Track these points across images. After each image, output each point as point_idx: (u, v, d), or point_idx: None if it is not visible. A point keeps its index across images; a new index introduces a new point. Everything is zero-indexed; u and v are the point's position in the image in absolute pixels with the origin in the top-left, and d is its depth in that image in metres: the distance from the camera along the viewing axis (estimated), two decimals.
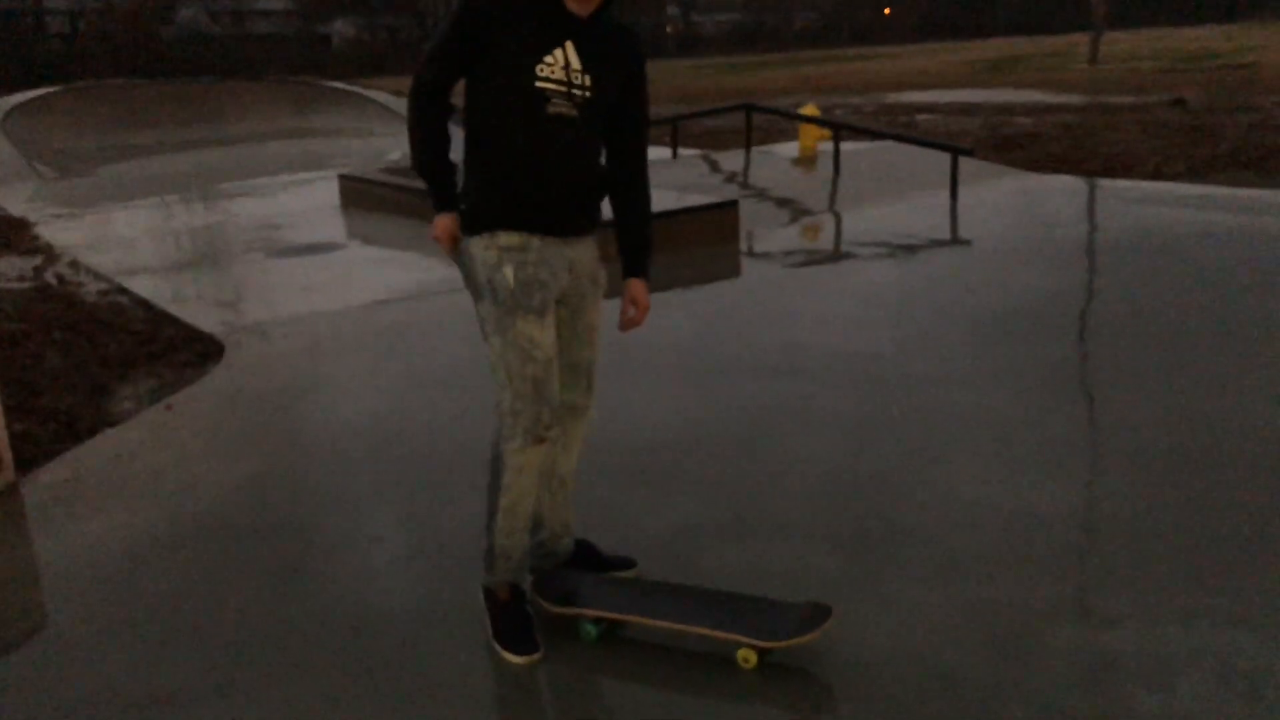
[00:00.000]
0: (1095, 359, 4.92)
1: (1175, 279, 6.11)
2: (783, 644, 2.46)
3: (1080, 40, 41.04)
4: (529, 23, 2.52)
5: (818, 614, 2.54)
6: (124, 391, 4.91)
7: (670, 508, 3.47)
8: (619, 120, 2.71)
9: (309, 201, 10.65)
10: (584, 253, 2.72)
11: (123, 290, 7.03)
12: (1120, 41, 42.06)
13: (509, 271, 2.58)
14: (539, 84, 2.52)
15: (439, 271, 6.96)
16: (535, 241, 2.61)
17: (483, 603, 2.77)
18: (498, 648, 2.65)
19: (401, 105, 9.05)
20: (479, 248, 2.62)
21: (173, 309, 6.40)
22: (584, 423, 2.87)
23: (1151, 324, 5.25)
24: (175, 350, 5.53)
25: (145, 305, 6.59)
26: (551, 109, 2.55)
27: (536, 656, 2.62)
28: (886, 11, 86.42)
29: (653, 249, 2.85)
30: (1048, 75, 28.19)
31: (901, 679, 2.48)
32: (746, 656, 2.50)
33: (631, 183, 2.78)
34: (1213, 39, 41.61)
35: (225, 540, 3.39)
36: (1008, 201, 9.02)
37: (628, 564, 3.02)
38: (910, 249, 7.39)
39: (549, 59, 2.53)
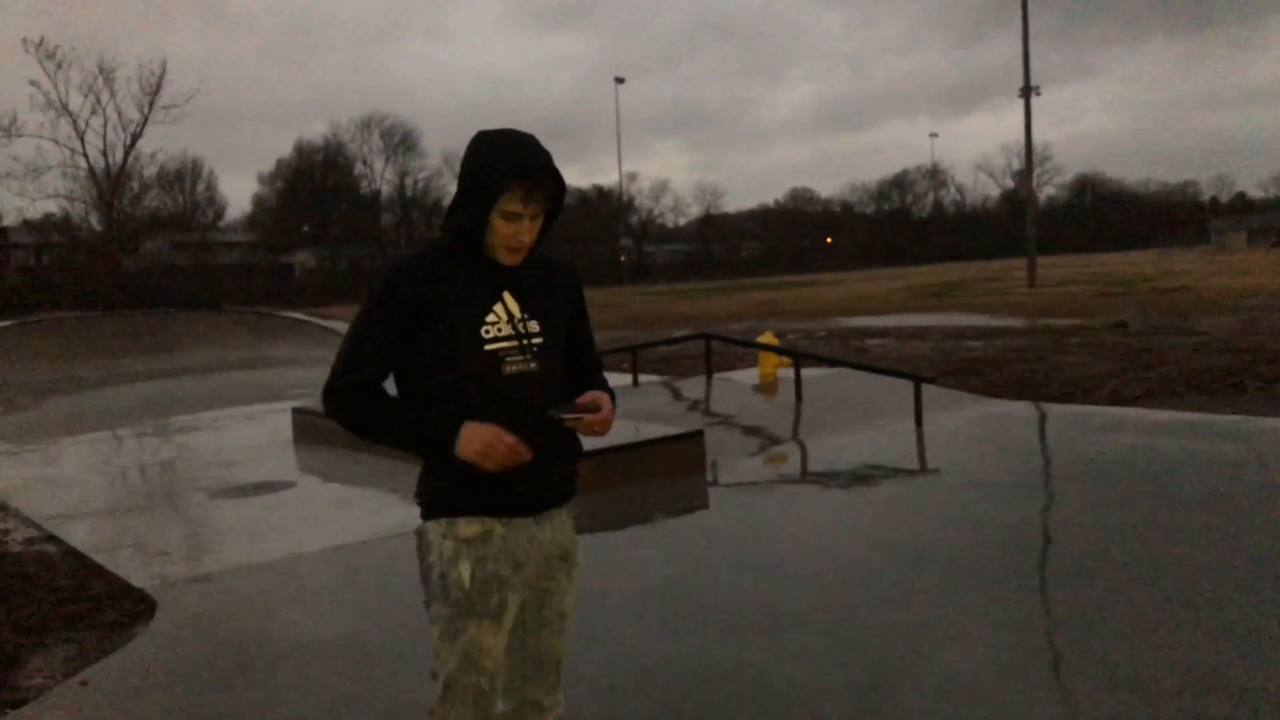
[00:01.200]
0: (1092, 604, 4.64)
1: (1160, 510, 5.93)
2: None
3: (1014, 265, 43.02)
4: (460, 287, 2.33)
5: None
6: (35, 662, 4.42)
7: None
8: (571, 350, 2.52)
9: (261, 436, 10.34)
10: (556, 530, 2.44)
11: (51, 538, 6.57)
12: (1053, 267, 44.18)
13: (464, 570, 2.30)
14: (488, 347, 2.33)
15: (398, 511, 6.61)
16: (499, 529, 2.34)
17: None
18: None
19: None
20: (435, 536, 2.35)
21: (103, 560, 5.94)
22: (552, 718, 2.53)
23: (1144, 560, 5.01)
24: (100, 610, 5.06)
25: (74, 555, 6.12)
26: (509, 368, 2.34)
27: None
28: (829, 240, 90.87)
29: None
30: (989, 300, 29.23)
31: None
32: None
33: (588, 375, 2.58)
34: (1138, 264, 43.81)
35: None
36: (972, 430, 8.94)
37: None
38: (880, 480, 7.20)
39: (491, 318, 2.34)
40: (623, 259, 78.92)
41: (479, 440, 2.25)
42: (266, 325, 23.33)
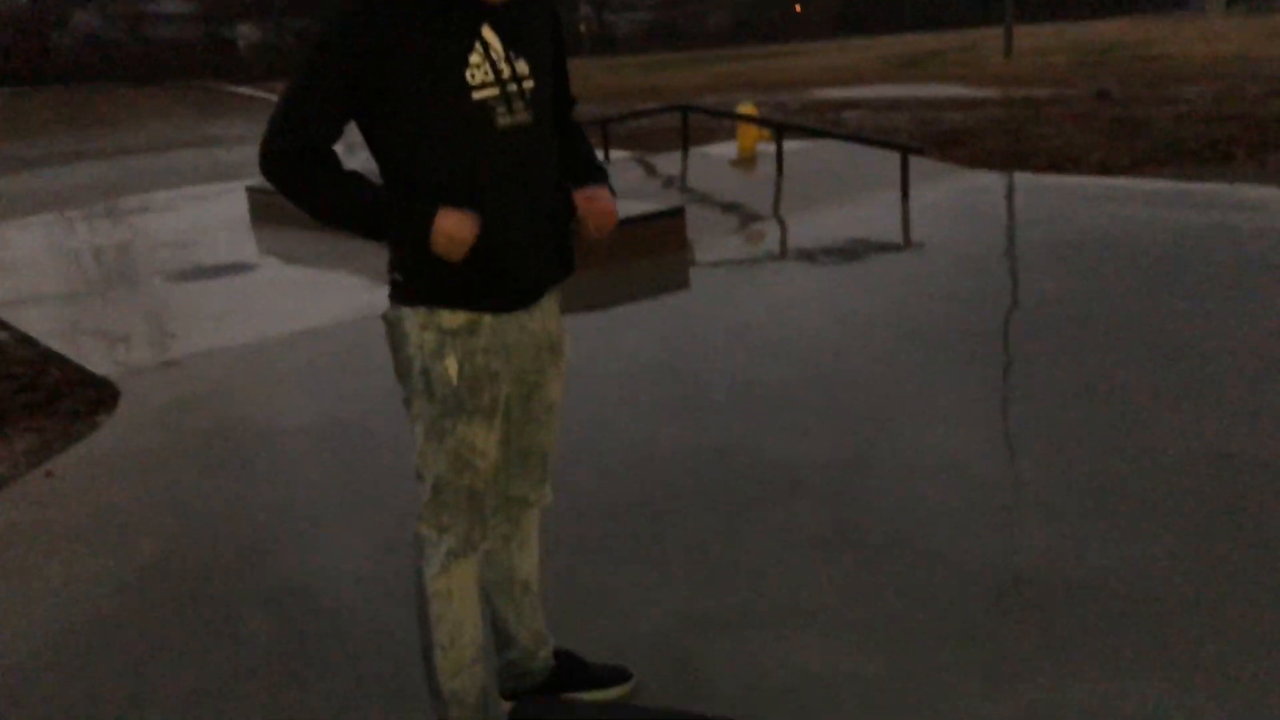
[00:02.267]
0: (1085, 381, 4.52)
1: (1160, 285, 5.77)
2: None
3: (989, 35, 41.59)
4: (429, 24, 1.87)
5: None
6: None
7: (657, 591, 2.94)
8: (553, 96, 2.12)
9: (216, 217, 9.87)
10: (546, 318, 2.15)
11: (2, 324, 6.25)
12: (1028, 35, 42.75)
13: (451, 365, 1.99)
14: (476, 95, 1.91)
15: (368, 294, 6.32)
16: (487, 320, 2.02)
17: None
18: None
19: None
20: (413, 326, 2.00)
21: (60, 346, 5.66)
22: (537, 515, 2.34)
23: (1144, 336, 4.88)
24: (61, 398, 4.82)
25: (29, 343, 5.83)
26: (501, 121, 1.95)
27: None
28: (798, 9, 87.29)
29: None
30: (965, 70, 28.30)
31: None
32: None
33: (570, 134, 2.23)
34: (1114, 31, 42.51)
35: (113, 659, 2.76)
36: (960, 202, 8.66)
37: (621, 676, 2.47)
38: (866, 256, 6.97)
39: (473, 59, 1.91)
40: (582, 29, 75.47)
41: (444, 228, 1.90)
42: (213, 102, 22.18)
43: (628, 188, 9.12)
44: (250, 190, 9.70)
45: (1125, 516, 3.17)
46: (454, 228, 1.89)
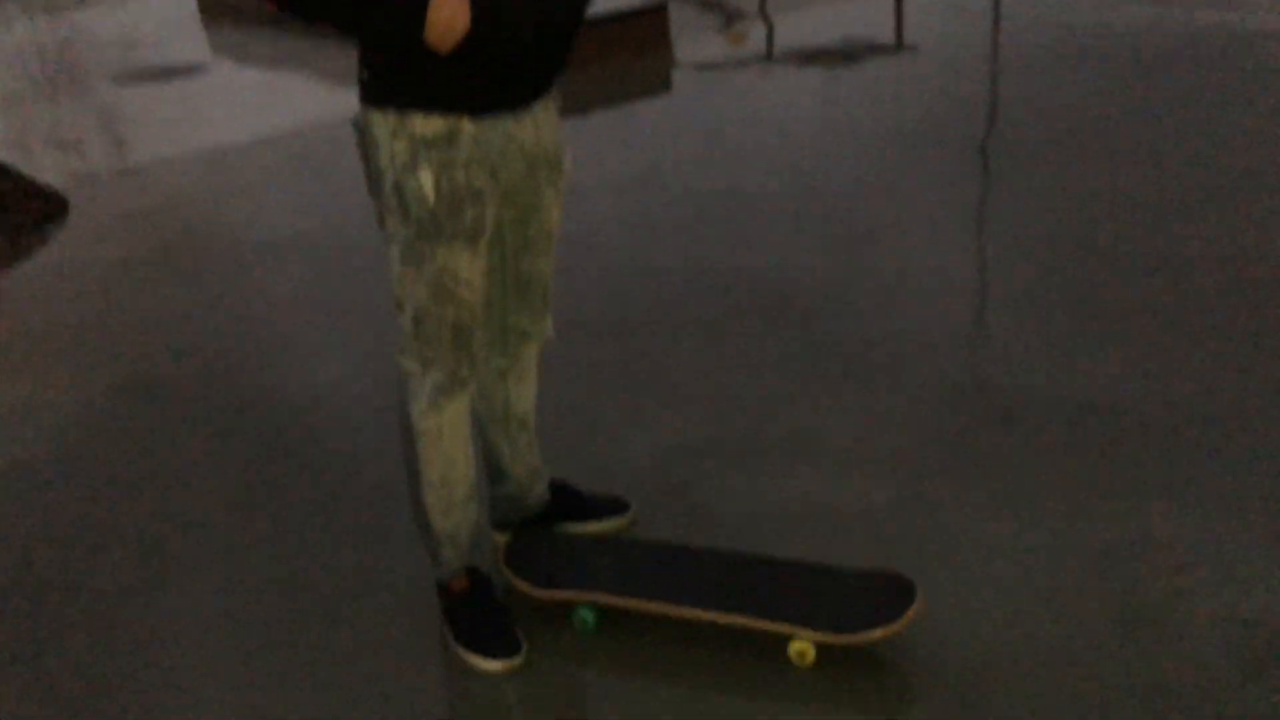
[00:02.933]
0: (1091, 191, 4.30)
1: (1158, 89, 5.47)
2: (852, 639, 1.85)
3: None
4: None
5: (898, 593, 1.92)
6: None
7: (650, 417, 2.80)
8: None
9: (162, 11, 9.21)
10: (540, 128, 1.85)
11: None
12: None
13: (427, 180, 1.73)
14: None
15: (332, 97, 5.93)
16: (468, 127, 1.73)
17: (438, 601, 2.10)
18: (463, 653, 1.99)
19: None
20: (383, 133, 1.74)
21: (3, 155, 5.30)
22: (537, 349, 2.16)
23: (1159, 146, 4.64)
24: (6, 210, 4.52)
25: None
26: None
27: (516, 661, 1.96)
28: None
29: None
30: None
31: (992, 657, 1.92)
32: (802, 651, 1.89)
33: None
34: None
35: (76, 486, 2.62)
36: (963, 1, 8.17)
37: (619, 507, 2.35)
38: (859, 59, 6.58)
39: None
40: None
41: (442, 19, 1.59)
42: None
43: None
44: None
45: (1137, 335, 3.03)
46: (453, 13, 1.59)
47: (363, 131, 1.79)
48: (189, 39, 8.03)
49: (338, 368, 3.03)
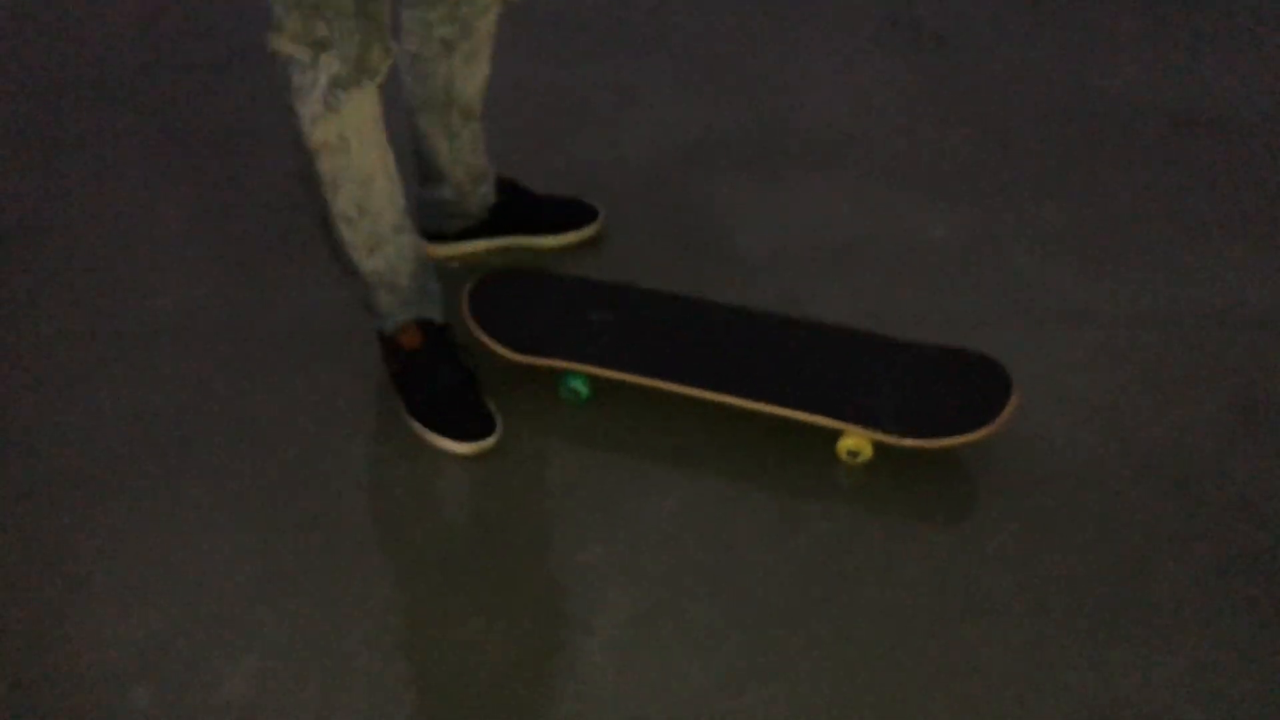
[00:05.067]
0: None
1: None
2: (922, 443, 1.42)
3: None
4: None
5: (987, 382, 1.46)
6: None
7: (645, 103, 2.22)
8: None
9: None
10: None
11: None
12: None
13: None
14: None
15: None
16: None
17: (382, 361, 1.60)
18: (420, 430, 1.53)
19: None
20: None
21: None
22: (494, 20, 1.57)
23: None
24: None
25: None
26: None
27: (488, 442, 1.51)
28: None
29: None
30: None
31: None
32: (856, 448, 1.48)
33: None
34: None
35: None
36: None
37: (583, 215, 1.84)
38: None
39: None
40: None
41: None
42: None
43: None
44: None
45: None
46: None
47: None
48: None
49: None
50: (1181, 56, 2.35)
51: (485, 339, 1.57)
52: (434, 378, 1.52)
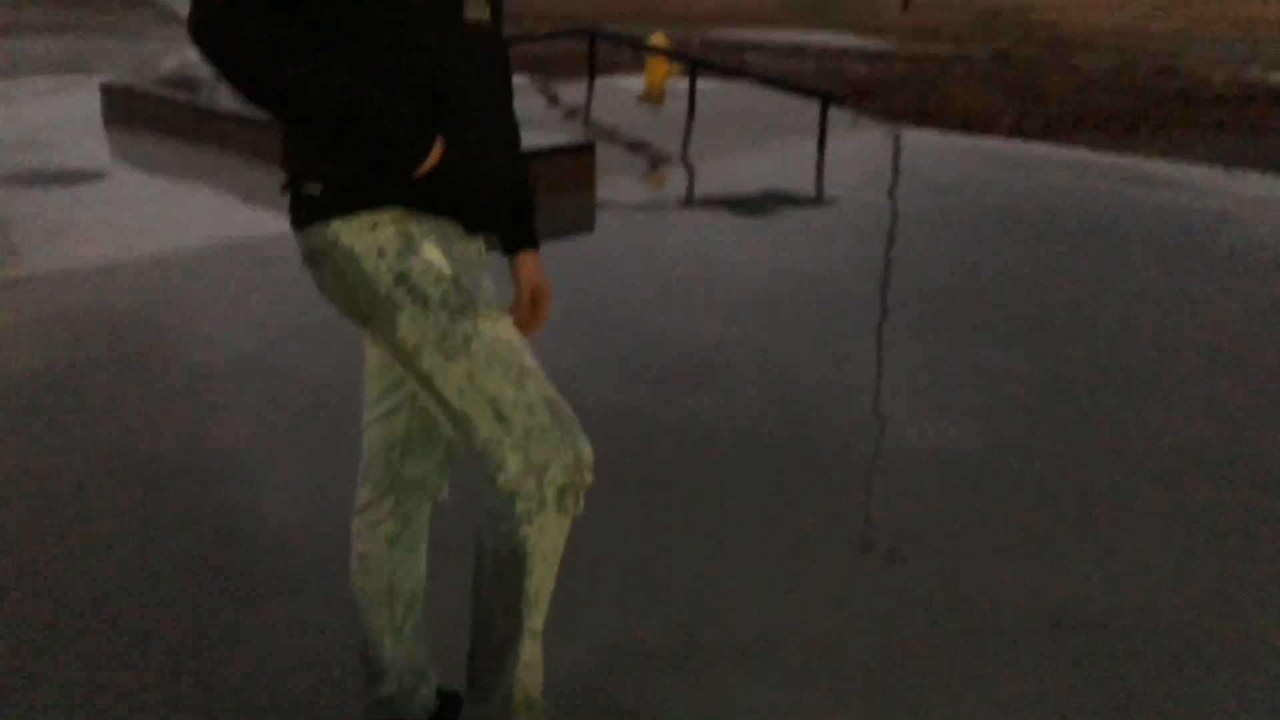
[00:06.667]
0: (1021, 351, 4.24)
1: (1086, 254, 5.55)
2: None
3: None
4: None
5: None
6: None
7: (583, 611, 2.49)
8: None
9: (63, 114, 8.83)
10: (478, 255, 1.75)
11: None
12: None
13: (432, 253, 1.55)
14: None
15: (239, 215, 5.61)
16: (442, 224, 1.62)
17: None
18: None
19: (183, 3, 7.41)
20: (358, 234, 1.54)
21: None
22: (428, 513, 1.87)
23: (1091, 310, 4.63)
24: None
25: None
26: (470, 13, 1.57)
27: None
28: None
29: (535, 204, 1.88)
30: (862, 19, 28.17)
31: None
32: None
33: None
34: None
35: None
36: (876, 158, 8.35)
37: None
38: (781, 209, 6.58)
39: None
40: None
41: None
42: None
43: (529, 118, 8.53)
44: (106, 88, 8.69)
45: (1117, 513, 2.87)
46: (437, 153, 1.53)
47: (323, 254, 1.56)
48: (89, 145, 7.65)
49: (287, 501, 2.65)
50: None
51: None
52: None
